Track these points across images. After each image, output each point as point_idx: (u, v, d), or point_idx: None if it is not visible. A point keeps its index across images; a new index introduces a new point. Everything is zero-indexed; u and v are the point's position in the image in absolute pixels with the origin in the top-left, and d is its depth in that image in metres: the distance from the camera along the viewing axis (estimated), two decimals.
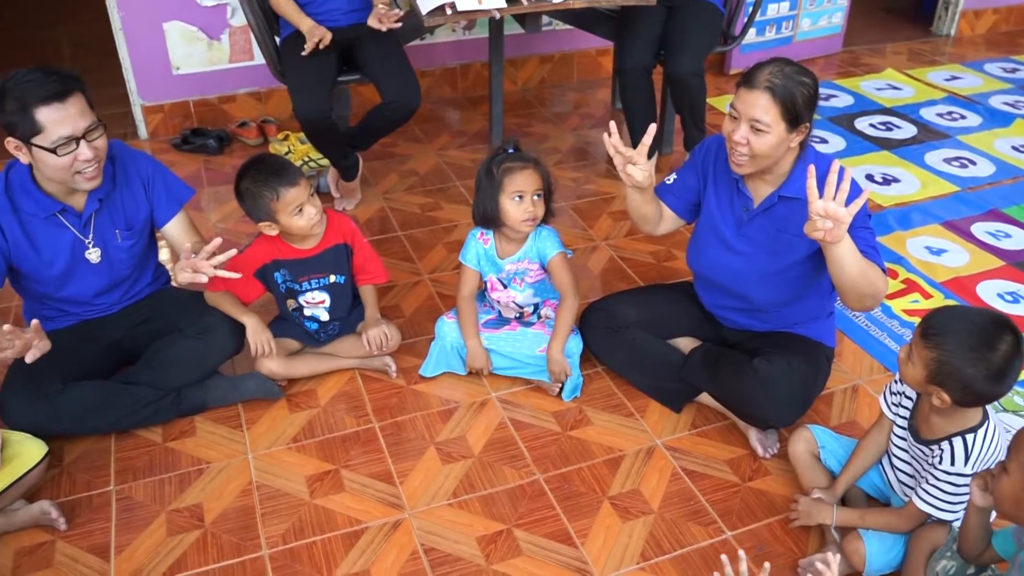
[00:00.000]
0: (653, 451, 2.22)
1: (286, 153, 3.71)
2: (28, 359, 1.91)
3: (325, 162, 3.53)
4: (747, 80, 1.97)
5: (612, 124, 2.05)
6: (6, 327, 1.85)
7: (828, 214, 1.78)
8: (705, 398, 2.32)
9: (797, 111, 1.94)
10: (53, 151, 1.98)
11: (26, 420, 2.10)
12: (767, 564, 1.42)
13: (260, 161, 2.28)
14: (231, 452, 2.24)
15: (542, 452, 2.21)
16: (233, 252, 2.13)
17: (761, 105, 1.93)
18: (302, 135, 3.80)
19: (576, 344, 2.37)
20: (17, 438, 2.05)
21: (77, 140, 2.00)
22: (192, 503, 2.09)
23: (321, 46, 2.94)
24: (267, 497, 2.10)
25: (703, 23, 3.24)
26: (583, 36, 4.41)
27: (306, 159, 3.63)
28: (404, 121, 3.11)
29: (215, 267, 2.09)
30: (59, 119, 1.97)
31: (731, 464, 2.19)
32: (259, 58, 4.01)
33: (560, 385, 2.37)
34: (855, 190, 1.83)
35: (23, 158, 2.03)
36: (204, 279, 2.11)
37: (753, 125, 1.95)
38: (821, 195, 1.78)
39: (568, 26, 4.20)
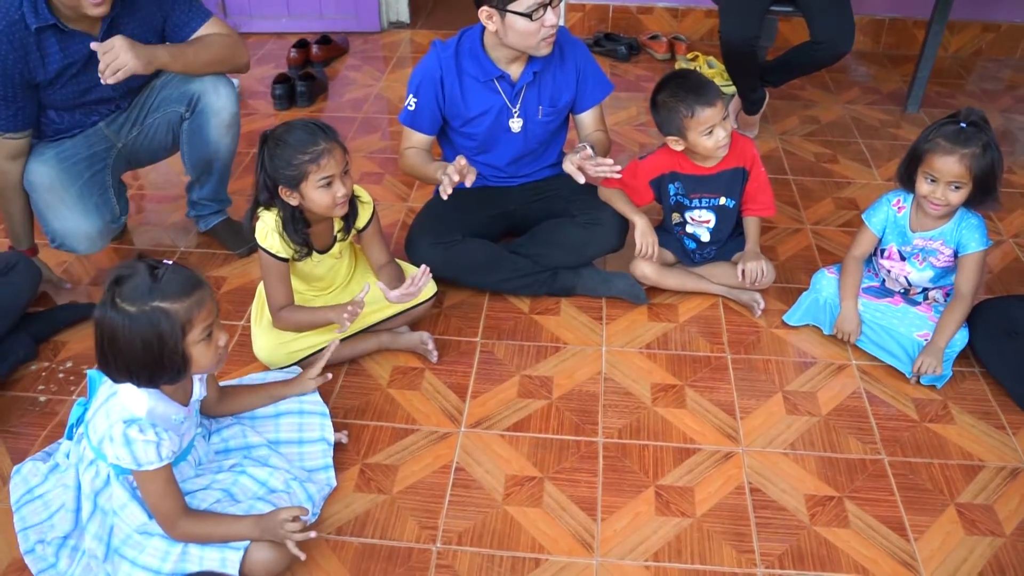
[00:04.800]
0: (1019, 473, 2.01)
1: None
2: (467, 183, 2.17)
3: (730, 89, 3.48)
4: None
5: None
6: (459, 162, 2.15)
7: None
8: None
9: None
10: (528, 16, 2.14)
11: (425, 260, 2.32)
12: None
13: (682, 76, 2.30)
14: (587, 340, 2.36)
15: (893, 434, 2.09)
16: (618, 168, 2.20)
17: None
18: (711, 58, 3.78)
19: (961, 339, 2.18)
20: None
21: (545, 6, 2.14)
22: (544, 375, 2.24)
23: None
24: (612, 391, 2.19)
25: None
26: None
27: None
28: (828, 64, 2.98)
29: (597, 171, 2.20)
30: None
31: None
32: None
33: (918, 377, 2.22)
34: None
35: (491, 26, 2.21)
36: (581, 180, 2.22)
37: None
38: None
39: None
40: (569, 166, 2.25)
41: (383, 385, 2.21)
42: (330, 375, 2.01)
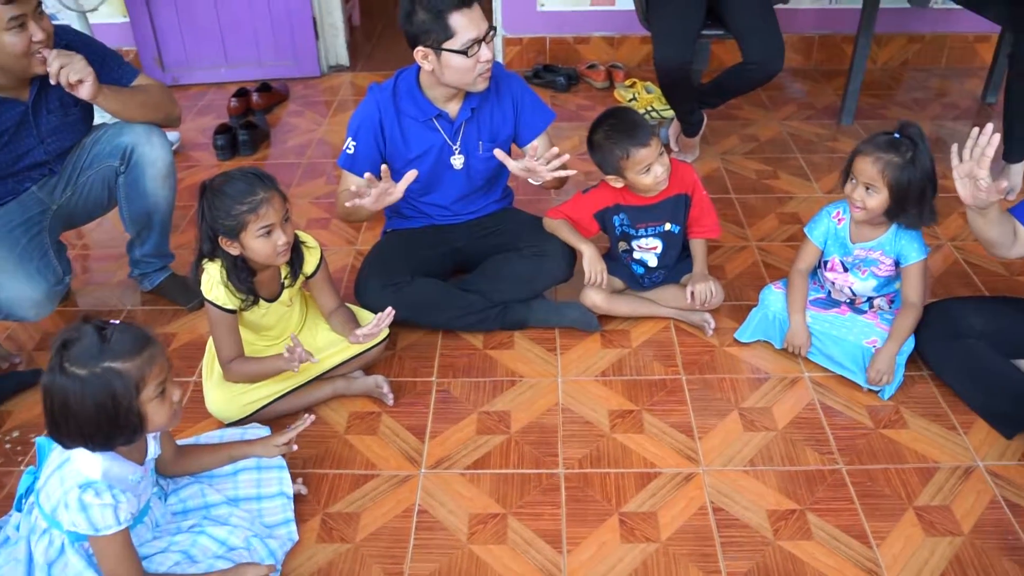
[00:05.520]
0: (972, 472, 2.05)
1: (630, 100, 3.77)
2: (397, 194, 2.25)
3: (668, 113, 3.55)
4: None
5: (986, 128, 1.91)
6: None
7: None
8: None
9: None
10: (464, 52, 2.16)
11: (376, 303, 2.33)
12: None
13: (615, 116, 2.32)
14: (543, 372, 2.36)
15: (849, 443, 2.12)
16: (567, 158, 2.25)
17: None
18: (648, 84, 3.84)
19: (907, 343, 2.23)
20: (367, 317, 2.29)
21: (479, 42, 2.17)
22: (501, 409, 2.24)
23: None
24: (570, 421, 2.20)
25: None
26: (962, 18, 4.06)
27: (649, 108, 3.66)
28: (761, 84, 3.04)
29: (549, 169, 2.24)
30: (468, 23, 2.15)
31: None
32: (620, 4, 4.10)
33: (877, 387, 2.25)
34: None
35: (427, 65, 2.23)
36: (535, 183, 2.28)
37: None
38: None
39: (952, 5, 3.87)
40: (517, 170, 2.29)
41: (340, 432, 2.19)
42: (296, 447, 1.98)
